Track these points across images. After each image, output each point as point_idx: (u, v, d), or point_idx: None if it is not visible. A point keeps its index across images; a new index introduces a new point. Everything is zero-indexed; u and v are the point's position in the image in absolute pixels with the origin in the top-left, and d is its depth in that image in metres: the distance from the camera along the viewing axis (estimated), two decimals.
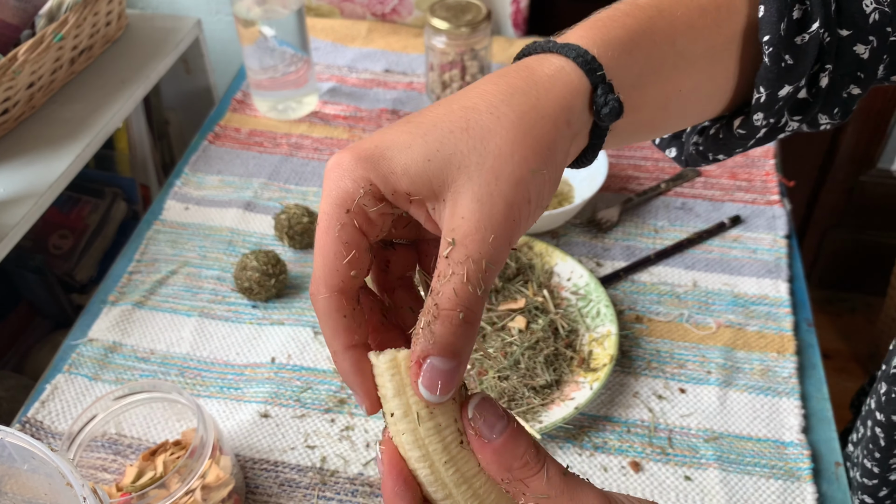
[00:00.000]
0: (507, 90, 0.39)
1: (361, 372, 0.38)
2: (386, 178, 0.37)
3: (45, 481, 0.52)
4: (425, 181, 0.37)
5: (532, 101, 0.38)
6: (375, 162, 0.38)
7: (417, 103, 1.21)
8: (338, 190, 0.38)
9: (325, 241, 0.38)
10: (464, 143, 0.37)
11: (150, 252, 0.98)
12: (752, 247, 0.97)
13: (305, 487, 0.75)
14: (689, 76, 0.46)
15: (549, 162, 0.38)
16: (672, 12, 0.44)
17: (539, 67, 0.40)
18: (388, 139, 0.38)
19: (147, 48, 1.27)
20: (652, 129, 0.49)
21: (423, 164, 0.37)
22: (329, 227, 0.38)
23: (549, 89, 0.39)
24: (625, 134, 0.45)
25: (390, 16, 1.38)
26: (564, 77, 0.39)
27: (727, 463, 0.76)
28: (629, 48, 0.42)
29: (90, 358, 0.86)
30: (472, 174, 0.37)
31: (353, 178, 0.37)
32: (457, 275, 0.35)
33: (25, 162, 1.06)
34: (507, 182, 0.37)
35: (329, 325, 0.38)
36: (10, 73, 1.03)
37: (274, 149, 1.13)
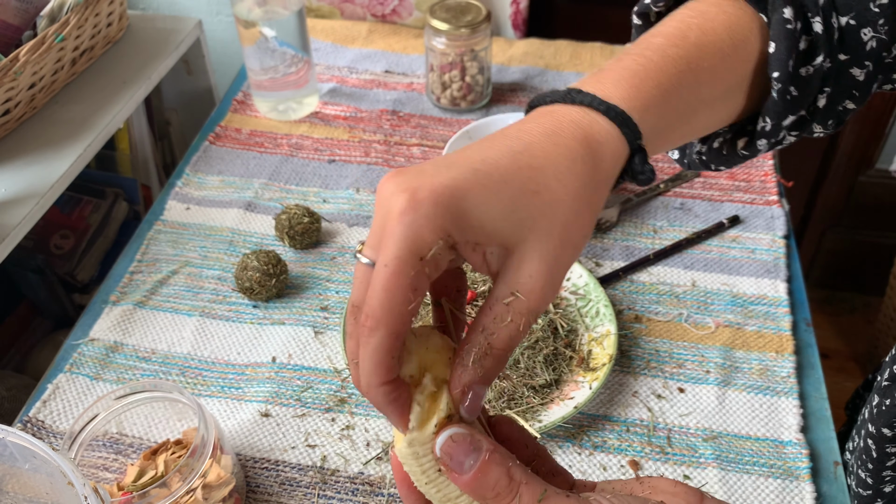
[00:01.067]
0: (568, 155, 0.42)
1: (396, 402, 0.39)
2: (463, 232, 0.39)
3: (47, 480, 0.53)
4: (498, 238, 0.40)
5: (590, 172, 0.42)
6: (454, 213, 0.38)
7: (417, 104, 1.21)
8: (414, 238, 0.38)
9: (396, 285, 0.38)
10: (535, 207, 0.40)
11: (151, 252, 0.98)
12: (750, 247, 0.97)
13: (306, 486, 0.75)
14: (706, 117, 0.51)
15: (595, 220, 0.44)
16: (698, 64, 0.48)
17: (590, 130, 0.43)
18: (462, 186, 0.39)
19: (148, 49, 1.28)
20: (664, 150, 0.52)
21: (500, 222, 0.39)
22: (401, 272, 0.38)
23: (601, 157, 0.43)
24: None
25: (390, 17, 1.38)
26: (612, 144, 0.43)
27: (726, 462, 0.76)
28: (662, 109, 0.46)
29: (91, 357, 0.86)
30: (541, 238, 0.40)
31: (433, 227, 0.38)
32: (514, 323, 0.39)
33: (27, 162, 1.06)
34: (570, 249, 0.41)
35: (376, 362, 0.39)
36: (12, 73, 1.03)
37: (274, 149, 1.14)
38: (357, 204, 1.04)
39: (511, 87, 1.24)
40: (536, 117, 0.44)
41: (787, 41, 0.48)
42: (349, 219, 1.02)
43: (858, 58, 0.52)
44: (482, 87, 1.18)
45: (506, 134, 0.43)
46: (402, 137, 1.15)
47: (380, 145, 1.14)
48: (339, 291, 0.93)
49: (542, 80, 1.25)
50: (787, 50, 0.48)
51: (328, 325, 0.89)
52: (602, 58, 1.29)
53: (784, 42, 0.48)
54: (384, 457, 0.77)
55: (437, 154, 1.11)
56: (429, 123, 1.18)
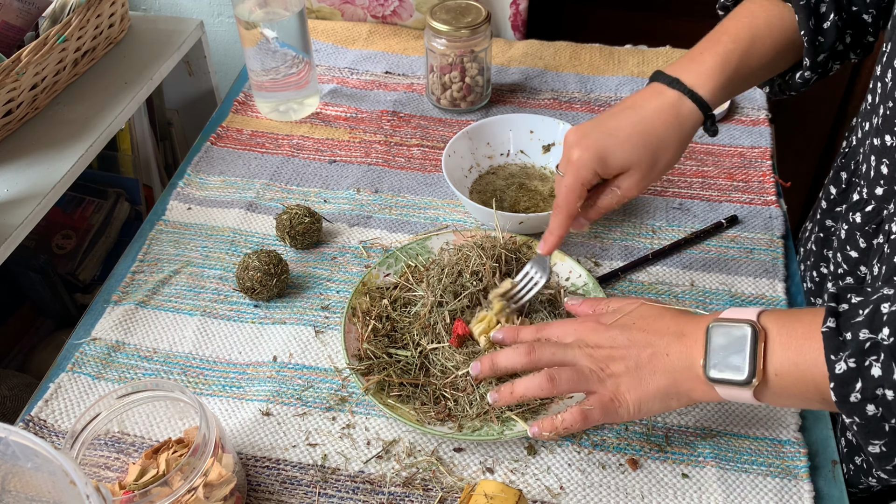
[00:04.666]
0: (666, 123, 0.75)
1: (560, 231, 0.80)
2: (604, 170, 0.76)
3: (49, 479, 0.53)
4: (623, 168, 0.76)
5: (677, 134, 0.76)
6: (600, 161, 0.75)
7: (418, 105, 1.21)
8: (578, 173, 0.76)
9: (570, 193, 0.76)
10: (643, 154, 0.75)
11: (152, 252, 0.99)
12: (748, 247, 0.97)
13: (307, 485, 0.75)
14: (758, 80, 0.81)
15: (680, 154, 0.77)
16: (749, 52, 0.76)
17: (681, 108, 0.75)
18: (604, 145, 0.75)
19: (150, 50, 1.28)
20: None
21: (622, 162, 0.75)
22: (572, 188, 0.76)
23: (685, 125, 0.76)
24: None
25: (391, 18, 1.38)
26: (693, 116, 0.76)
27: (724, 461, 0.76)
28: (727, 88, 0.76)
29: (93, 357, 0.87)
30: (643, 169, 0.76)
31: (589, 168, 0.75)
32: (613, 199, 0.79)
33: (29, 163, 1.07)
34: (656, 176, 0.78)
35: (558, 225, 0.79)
36: (14, 74, 1.03)
37: (276, 150, 1.14)
38: (358, 204, 1.05)
39: (511, 88, 1.25)
40: (650, 94, 0.76)
41: (804, 11, 0.75)
42: (350, 219, 1.03)
43: (865, 9, 0.78)
44: (482, 88, 1.19)
45: (630, 105, 0.77)
46: (402, 138, 1.16)
47: (380, 146, 1.14)
48: (340, 291, 0.94)
49: (541, 80, 1.26)
50: (806, 17, 0.75)
51: (329, 325, 0.90)
52: (601, 59, 1.30)
53: (803, 12, 0.75)
54: (385, 455, 0.77)
55: (437, 154, 1.12)
56: (429, 124, 1.18)
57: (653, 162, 0.75)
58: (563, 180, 0.77)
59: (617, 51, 1.31)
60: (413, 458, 0.77)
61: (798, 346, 0.60)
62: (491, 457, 0.77)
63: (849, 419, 0.57)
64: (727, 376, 0.62)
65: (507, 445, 0.78)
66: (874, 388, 0.55)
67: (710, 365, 0.63)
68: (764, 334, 0.61)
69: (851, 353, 0.56)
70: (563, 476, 0.76)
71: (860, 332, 0.56)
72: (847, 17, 0.77)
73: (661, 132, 0.75)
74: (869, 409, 0.56)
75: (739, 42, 0.76)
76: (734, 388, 0.62)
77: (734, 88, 0.77)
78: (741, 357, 0.61)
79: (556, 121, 1.07)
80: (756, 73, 0.77)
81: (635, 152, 0.74)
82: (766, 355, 0.61)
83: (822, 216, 0.92)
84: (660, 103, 0.76)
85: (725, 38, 0.77)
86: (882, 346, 0.54)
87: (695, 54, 0.77)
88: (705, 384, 0.64)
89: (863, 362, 0.55)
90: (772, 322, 0.62)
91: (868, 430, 0.57)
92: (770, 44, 0.77)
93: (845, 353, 0.56)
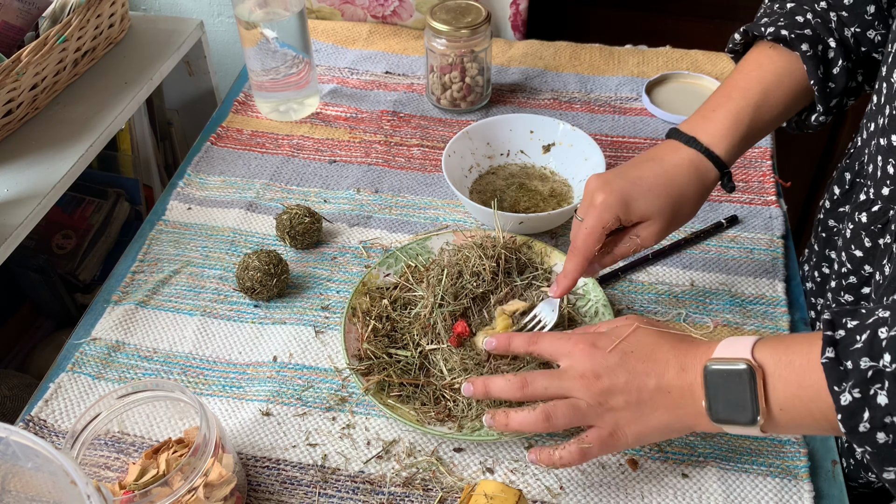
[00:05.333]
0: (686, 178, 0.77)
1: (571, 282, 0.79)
2: (626, 215, 0.76)
3: (49, 479, 0.53)
4: (643, 217, 0.77)
5: (697, 188, 0.77)
6: (622, 207, 0.75)
7: (418, 105, 1.21)
8: (601, 218, 0.76)
9: (590, 237, 0.76)
10: (664, 203, 0.76)
11: (152, 252, 0.99)
12: (749, 247, 0.97)
13: (307, 485, 0.76)
14: (770, 129, 0.81)
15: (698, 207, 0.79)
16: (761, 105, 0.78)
17: (699, 164, 0.77)
18: (627, 193, 0.76)
19: (150, 50, 1.28)
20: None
21: (645, 210, 0.76)
22: (594, 231, 0.76)
23: (704, 179, 0.78)
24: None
25: (391, 18, 1.38)
26: (711, 173, 0.78)
27: (724, 461, 0.76)
28: (741, 144, 0.78)
29: (93, 357, 0.87)
30: (665, 217, 0.77)
31: (613, 214, 0.75)
32: (630, 248, 0.78)
33: (29, 163, 1.07)
34: (676, 226, 0.79)
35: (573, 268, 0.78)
36: (14, 74, 1.03)
37: (276, 150, 1.14)
38: (357, 204, 1.05)
39: (511, 88, 1.25)
40: (669, 150, 0.79)
41: (812, 62, 0.77)
42: (350, 219, 1.03)
43: (875, 49, 0.78)
44: (482, 88, 1.19)
45: (651, 158, 0.78)
46: (402, 138, 1.16)
47: (380, 146, 1.14)
48: (340, 291, 0.94)
49: (541, 80, 1.26)
50: (815, 67, 0.77)
51: (329, 325, 0.90)
52: (601, 59, 1.30)
53: (811, 63, 0.77)
54: (384, 455, 0.77)
55: (437, 154, 1.12)
56: (429, 124, 1.18)
57: (674, 213, 0.76)
58: (582, 225, 0.77)
59: (617, 51, 1.31)
60: (413, 458, 0.77)
61: (798, 380, 0.59)
62: (491, 457, 0.77)
63: (860, 448, 0.57)
64: (732, 417, 0.62)
65: (507, 445, 0.78)
66: (882, 417, 0.54)
67: (714, 409, 0.63)
68: (762, 372, 0.61)
69: (855, 384, 0.55)
70: (563, 476, 0.76)
71: (861, 361, 0.55)
72: (857, 59, 0.78)
73: (683, 185, 0.76)
74: (880, 438, 0.55)
75: (750, 98, 0.77)
76: (740, 427, 0.62)
77: (748, 142, 0.79)
78: (743, 399, 0.61)
79: (556, 121, 1.07)
80: (769, 124, 0.79)
81: (658, 201, 0.76)
82: (768, 392, 0.60)
83: (825, 216, 0.92)
84: (679, 159, 0.77)
85: (736, 95, 0.78)
86: (885, 374, 0.54)
87: (707, 111, 0.79)
88: (709, 421, 0.64)
89: (868, 391, 0.55)
90: (768, 356, 0.61)
91: (881, 458, 0.56)
92: (781, 97, 0.78)
93: (848, 383, 0.55)
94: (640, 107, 1.20)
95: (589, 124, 1.17)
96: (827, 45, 0.77)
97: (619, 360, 0.66)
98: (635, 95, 1.22)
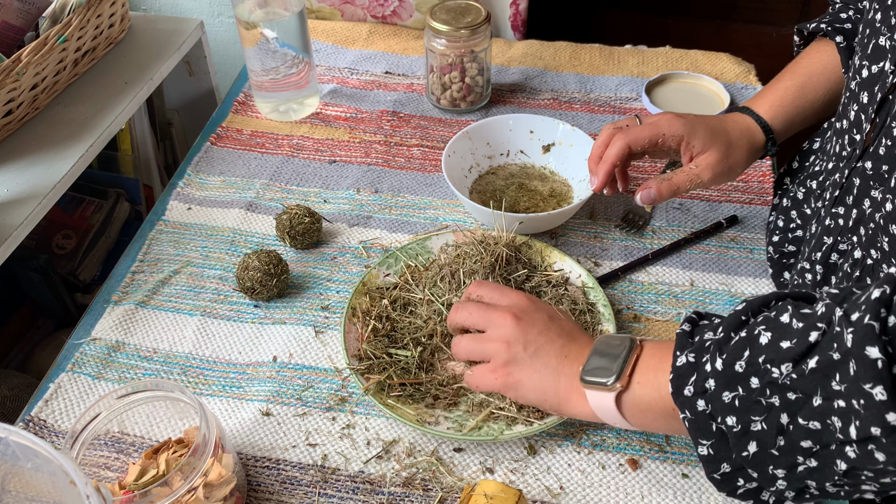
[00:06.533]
0: (743, 134, 0.89)
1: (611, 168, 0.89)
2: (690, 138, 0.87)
3: (49, 479, 0.53)
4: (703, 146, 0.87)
5: (749, 144, 0.89)
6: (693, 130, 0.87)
7: (417, 105, 1.21)
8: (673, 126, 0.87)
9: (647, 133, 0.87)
10: (724, 140, 0.88)
11: (152, 252, 0.99)
12: (748, 247, 0.97)
13: (307, 485, 0.76)
14: (817, 114, 0.92)
15: (747, 163, 0.90)
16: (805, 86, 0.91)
17: (755, 130, 0.90)
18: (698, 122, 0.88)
19: (150, 50, 1.28)
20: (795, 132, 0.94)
21: (705, 141, 0.87)
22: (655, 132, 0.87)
23: (755, 140, 0.90)
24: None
25: (390, 18, 1.38)
26: (760, 137, 0.90)
27: None
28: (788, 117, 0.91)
29: (93, 357, 0.87)
30: (721, 152, 0.87)
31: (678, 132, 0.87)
32: (689, 176, 0.87)
33: (29, 163, 1.07)
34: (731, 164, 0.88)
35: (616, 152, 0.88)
36: (14, 74, 1.03)
37: (276, 150, 1.14)
38: (357, 204, 1.05)
39: (511, 88, 1.25)
40: (731, 118, 0.91)
41: (845, 53, 0.86)
42: (350, 219, 1.03)
43: None
44: (482, 88, 1.19)
45: (719, 118, 0.90)
46: (402, 138, 1.16)
47: (380, 146, 1.14)
48: (340, 291, 0.94)
49: (541, 80, 1.26)
50: (847, 57, 0.86)
51: (329, 325, 0.90)
52: (601, 59, 1.30)
53: (844, 54, 0.86)
54: (384, 455, 0.78)
55: (437, 154, 1.12)
56: (429, 124, 1.18)
57: (727, 149, 0.87)
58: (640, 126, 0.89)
59: (617, 51, 1.31)
60: (413, 459, 0.77)
61: (662, 355, 0.66)
62: (491, 457, 0.77)
63: (682, 415, 0.61)
64: (596, 375, 0.68)
65: (507, 445, 0.78)
66: (703, 381, 0.59)
67: (586, 370, 0.69)
68: (640, 349, 0.68)
69: (693, 350, 0.61)
70: (563, 476, 0.76)
71: (706, 335, 0.61)
72: None
73: (735, 133, 0.89)
74: (699, 405, 0.59)
75: (796, 79, 0.91)
76: (600, 392, 0.68)
77: (795, 116, 0.91)
78: (613, 362, 0.68)
79: (555, 121, 1.07)
80: (814, 105, 0.91)
81: (715, 136, 0.87)
82: (636, 365, 0.67)
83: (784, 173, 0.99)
84: (734, 119, 0.90)
85: (785, 77, 0.92)
86: (713, 342, 0.60)
87: (761, 92, 0.93)
88: (579, 391, 0.70)
89: (700, 358, 0.60)
90: (650, 342, 0.69)
91: (698, 427, 0.60)
92: (823, 81, 0.89)
93: (688, 349, 0.61)
94: (640, 107, 1.21)
95: (589, 124, 1.17)
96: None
97: (544, 317, 0.75)
98: (635, 95, 1.22)
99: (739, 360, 0.57)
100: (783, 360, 0.54)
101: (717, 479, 0.61)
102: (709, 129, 0.87)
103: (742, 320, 0.60)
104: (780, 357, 0.55)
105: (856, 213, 0.75)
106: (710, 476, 0.62)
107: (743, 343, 0.57)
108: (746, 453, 0.58)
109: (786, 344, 0.55)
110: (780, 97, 0.90)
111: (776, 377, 0.55)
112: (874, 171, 0.71)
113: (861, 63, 0.74)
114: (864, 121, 0.74)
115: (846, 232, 0.77)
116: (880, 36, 0.71)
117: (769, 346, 0.56)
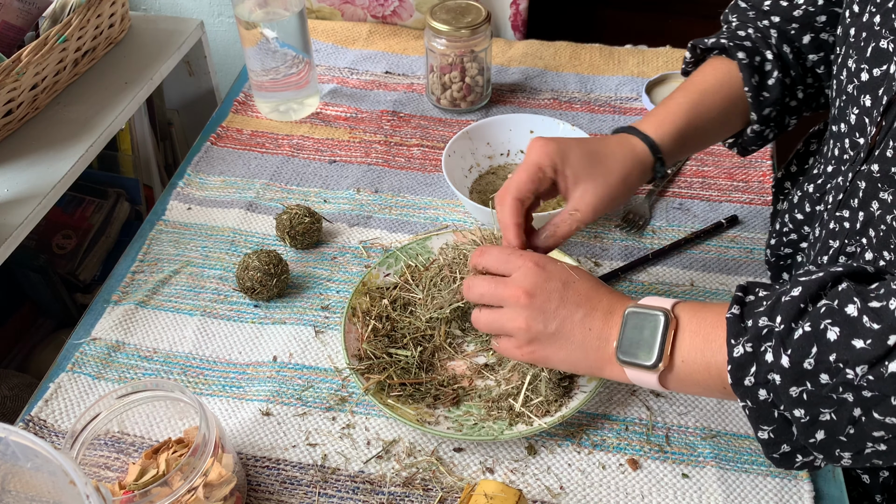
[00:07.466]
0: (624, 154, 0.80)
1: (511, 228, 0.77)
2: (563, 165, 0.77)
3: (49, 479, 0.53)
4: (576, 176, 0.77)
5: (631, 164, 0.80)
6: (561, 156, 0.77)
7: (417, 105, 1.21)
8: (542, 160, 0.77)
9: (525, 175, 0.76)
10: (601, 169, 0.78)
11: (152, 252, 0.99)
12: (748, 247, 0.97)
13: (307, 485, 0.76)
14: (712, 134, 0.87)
15: (631, 190, 0.80)
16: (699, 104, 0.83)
17: (637, 147, 0.81)
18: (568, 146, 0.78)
19: (150, 50, 1.28)
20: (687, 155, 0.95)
21: (580, 168, 0.77)
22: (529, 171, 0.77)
23: (639, 160, 0.80)
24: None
25: (391, 18, 1.38)
26: (646, 157, 0.81)
27: (724, 461, 0.76)
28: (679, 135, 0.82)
29: (93, 357, 0.87)
30: (598, 184, 0.77)
31: (550, 157, 0.77)
32: (572, 224, 0.77)
33: (29, 162, 1.07)
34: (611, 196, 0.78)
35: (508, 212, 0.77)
36: (14, 74, 1.03)
37: (276, 150, 1.14)
38: (357, 204, 1.05)
39: (511, 88, 1.25)
40: (615, 139, 0.82)
41: (747, 70, 0.82)
42: (350, 219, 1.03)
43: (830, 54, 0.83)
44: (482, 88, 1.19)
45: (599, 140, 0.81)
46: (402, 138, 1.16)
47: (380, 146, 1.14)
48: (340, 291, 0.94)
49: (541, 80, 1.26)
50: (749, 75, 0.82)
51: (329, 325, 0.90)
52: (601, 59, 1.30)
53: (746, 70, 0.82)
54: (384, 455, 0.77)
55: (437, 154, 1.12)
56: (429, 124, 1.18)
57: (605, 178, 0.78)
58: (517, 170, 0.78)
59: (617, 51, 1.31)
60: (413, 458, 0.77)
61: (706, 334, 0.64)
62: (491, 457, 0.77)
63: (742, 403, 0.61)
64: (636, 360, 0.66)
65: (507, 445, 0.78)
66: (766, 373, 0.58)
67: (623, 346, 0.67)
68: (675, 322, 0.65)
69: (749, 339, 0.59)
70: (563, 476, 0.76)
71: (760, 320, 0.60)
72: (796, 76, 0.84)
73: (618, 155, 0.80)
74: (761, 394, 0.59)
75: (688, 97, 0.84)
76: (641, 371, 0.66)
77: (688, 137, 0.83)
78: (651, 341, 0.65)
79: (556, 121, 1.07)
80: (708, 125, 0.84)
81: (593, 163, 0.78)
82: (676, 342, 0.65)
83: (783, 177, 0.99)
84: (616, 138, 0.82)
85: (677, 94, 0.85)
86: (775, 333, 0.58)
87: (652, 110, 0.85)
88: (614, 364, 0.68)
89: (759, 347, 0.59)
90: (684, 311, 0.66)
91: (759, 415, 0.60)
92: (719, 99, 0.84)
93: (744, 338, 0.60)
94: (640, 107, 1.20)
95: (589, 124, 1.17)
96: (764, 57, 0.83)
97: (558, 287, 0.71)
98: (635, 95, 1.22)
99: (808, 358, 0.56)
100: (858, 361, 0.54)
101: (776, 458, 0.62)
102: (584, 154, 0.78)
103: (801, 308, 0.58)
104: (854, 358, 0.54)
105: (863, 216, 0.74)
106: (769, 456, 0.62)
107: (809, 338, 0.56)
108: (814, 440, 0.58)
109: (859, 343, 0.54)
110: (672, 115, 0.83)
111: (851, 378, 0.54)
112: (882, 174, 0.70)
113: (859, 66, 0.73)
114: (867, 124, 0.73)
115: (854, 235, 0.76)
116: (881, 39, 0.70)
117: (839, 345, 0.55)
